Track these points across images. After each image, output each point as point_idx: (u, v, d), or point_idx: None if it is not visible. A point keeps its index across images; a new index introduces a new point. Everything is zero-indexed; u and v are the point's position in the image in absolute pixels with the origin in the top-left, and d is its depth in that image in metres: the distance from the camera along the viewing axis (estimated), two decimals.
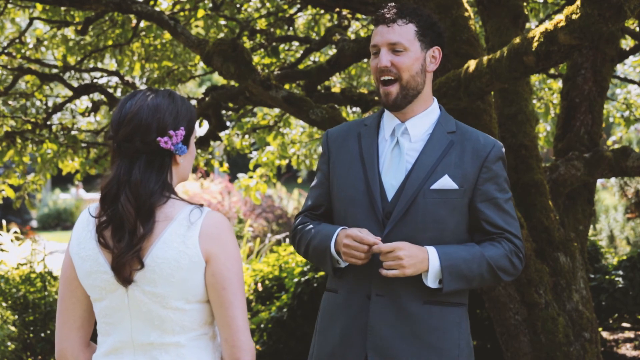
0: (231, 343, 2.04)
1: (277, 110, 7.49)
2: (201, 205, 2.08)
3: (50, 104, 7.12)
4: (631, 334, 7.33)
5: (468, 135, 2.60)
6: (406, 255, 2.41)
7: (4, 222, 9.60)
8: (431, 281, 2.46)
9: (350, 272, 2.57)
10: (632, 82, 7.42)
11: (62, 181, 23.60)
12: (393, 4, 2.61)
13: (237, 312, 2.04)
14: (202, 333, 2.09)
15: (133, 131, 2.03)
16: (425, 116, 2.61)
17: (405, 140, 2.59)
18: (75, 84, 6.96)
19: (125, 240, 2.00)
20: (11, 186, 6.96)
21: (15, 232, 8.67)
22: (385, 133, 2.62)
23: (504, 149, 2.61)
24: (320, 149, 8.35)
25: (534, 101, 7.80)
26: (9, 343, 5.84)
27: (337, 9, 6.09)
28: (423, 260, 2.44)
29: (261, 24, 6.62)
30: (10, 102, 6.82)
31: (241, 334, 2.04)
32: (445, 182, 2.51)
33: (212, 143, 7.15)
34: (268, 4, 6.72)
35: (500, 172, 2.58)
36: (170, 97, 2.10)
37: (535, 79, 7.85)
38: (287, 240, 10.62)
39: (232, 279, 2.04)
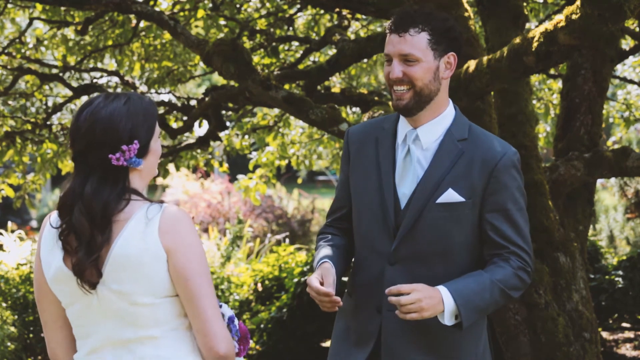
0: (203, 333, 2.05)
1: (276, 111, 7.49)
2: (161, 202, 2.09)
3: (50, 104, 7.12)
4: (631, 334, 7.32)
5: (479, 142, 2.52)
6: (425, 296, 2.34)
7: (9, 223, 9.58)
8: (447, 320, 2.39)
9: (359, 288, 2.58)
10: (632, 82, 7.42)
11: (62, 181, 23.58)
12: (406, 10, 2.53)
13: (205, 302, 2.04)
14: (177, 324, 2.10)
15: (86, 147, 2.04)
16: (438, 123, 2.54)
17: (417, 147, 2.53)
18: (75, 84, 6.96)
19: (83, 249, 2.02)
20: (11, 186, 6.97)
21: (20, 234, 8.67)
22: (399, 139, 2.57)
23: (517, 156, 2.52)
24: (320, 149, 8.35)
25: (534, 101, 7.80)
26: (9, 343, 5.83)
27: (337, 9, 6.09)
28: (439, 302, 2.36)
29: (261, 24, 6.62)
30: (10, 102, 6.81)
31: (212, 323, 2.05)
32: (451, 196, 2.45)
33: (211, 143, 7.14)
34: (268, 4, 6.72)
35: (511, 182, 2.49)
36: (126, 105, 2.07)
37: (535, 79, 7.85)
38: (287, 240, 10.62)
39: (194, 269, 2.04)
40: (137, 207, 2.06)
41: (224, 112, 7.02)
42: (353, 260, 2.68)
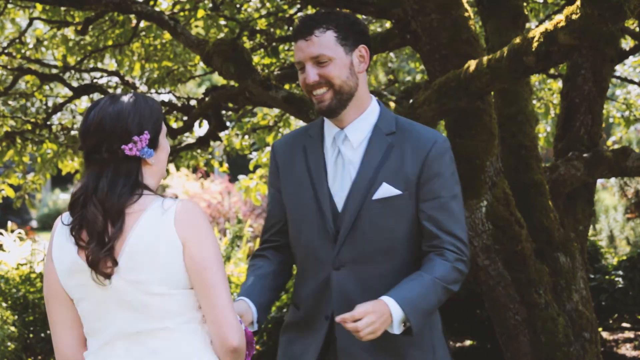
0: (218, 323, 2.06)
1: (277, 110, 7.49)
2: (175, 196, 2.11)
3: (50, 104, 7.12)
4: (631, 334, 7.33)
5: (408, 133, 2.49)
6: (378, 317, 2.29)
7: (9, 223, 9.60)
8: (396, 328, 2.34)
9: (305, 299, 2.55)
10: (632, 82, 7.42)
11: (62, 181, 23.60)
12: (306, 15, 2.52)
13: (221, 291, 2.06)
14: (191, 317, 2.11)
15: (98, 142, 2.09)
16: (364, 119, 2.51)
17: (347, 148, 2.50)
18: (75, 84, 6.96)
19: (95, 240, 2.05)
20: (11, 186, 6.97)
21: (19, 234, 8.68)
22: (327, 143, 2.53)
23: (448, 143, 2.49)
24: None
25: (534, 101, 7.80)
26: (9, 343, 5.84)
27: (337, 9, 6.09)
28: (389, 315, 2.32)
29: (261, 24, 6.62)
30: (10, 102, 6.82)
31: (227, 313, 2.06)
32: (386, 190, 2.42)
33: (212, 143, 7.15)
34: (268, 4, 6.72)
35: (444, 170, 2.46)
36: (133, 101, 2.13)
37: (535, 79, 7.85)
38: None
39: (211, 260, 2.06)
40: (151, 200, 2.10)
41: (224, 112, 7.02)
42: (295, 273, 2.65)
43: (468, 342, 7.09)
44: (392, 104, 4.92)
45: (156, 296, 2.06)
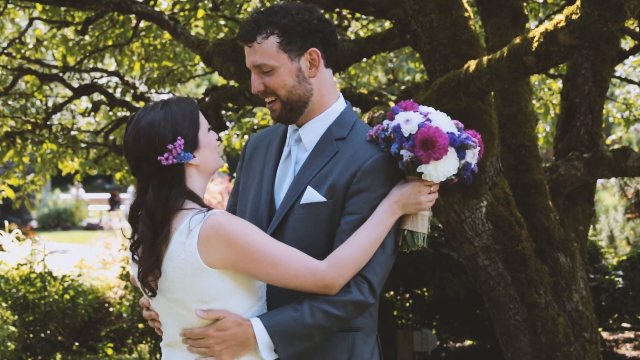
0: (303, 287, 2.10)
1: None
2: (209, 208, 2.12)
3: (50, 104, 7.13)
4: (631, 334, 7.34)
5: (356, 141, 2.26)
6: (218, 341, 2.08)
7: (6, 223, 9.60)
8: (267, 355, 2.11)
9: None
10: (632, 82, 7.43)
11: (62, 181, 23.62)
12: (253, 15, 2.28)
13: (283, 270, 2.07)
14: None
15: (138, 157, 2.13)
16: (320, 121, 2.31)
17: (300, 149, 2.33)
18: (75, 84, 6.96)
19: (146, 256, 2.11)
20: (11, 186, 6.97)
21: (17, 234, 8.67)
22: (287, 140, 2.39)
23: (389, 162, 2.23)
24: None
25: (534, 101, 7.81)
26: (9, 343, 5.83)
27: (337, 9, 6.09)
28: (244, 341, 2.09)
29: None
30: (10, 102, 6.82)
31: (303, 278, 2.08)
32: (311, 196, 2.21)
33: None
34: (268, 4, 6.72)
35: (373, 187, 2.19)
36: (163, 109, 2.15)
37: (535, 79, 7.86)
38: None
39: (253, 259, 2.06)
40: (182, 217, 2.10)
41: (224, 112, 7.02)
42: None
43: (468, 342, 7.10)
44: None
45: (194, 312, 2.11)
